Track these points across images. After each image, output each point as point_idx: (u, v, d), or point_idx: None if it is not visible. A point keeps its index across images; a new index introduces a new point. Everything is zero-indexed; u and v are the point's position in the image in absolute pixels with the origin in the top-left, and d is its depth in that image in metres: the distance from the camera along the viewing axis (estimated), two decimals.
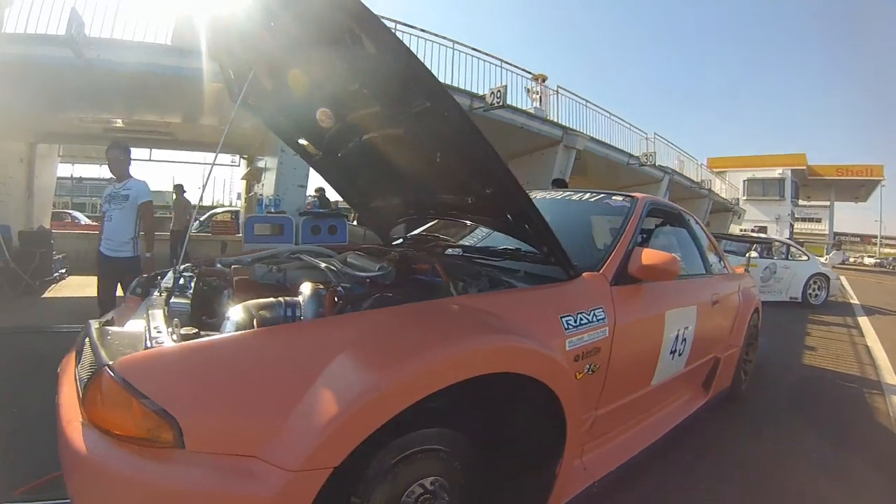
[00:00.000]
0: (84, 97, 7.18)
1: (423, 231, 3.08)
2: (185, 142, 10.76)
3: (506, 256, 2.16)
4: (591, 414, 1.85)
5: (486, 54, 8.82)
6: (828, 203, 30.63)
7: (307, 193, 8.47)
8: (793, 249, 9.69)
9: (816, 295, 9.12)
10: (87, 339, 1.47)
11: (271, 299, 1.53)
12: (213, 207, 17.49)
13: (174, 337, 1.28)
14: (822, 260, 11.77)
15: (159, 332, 1.35)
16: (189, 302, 1.69)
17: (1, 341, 4.16)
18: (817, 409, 3.51)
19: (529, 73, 9.58)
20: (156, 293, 1.90)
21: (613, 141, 11.44)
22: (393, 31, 1.55)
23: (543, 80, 9.66)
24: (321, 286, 1.63)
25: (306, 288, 1.59)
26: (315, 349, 1.21)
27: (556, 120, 9.55)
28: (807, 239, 27.46)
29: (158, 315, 1.50)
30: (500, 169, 1.65)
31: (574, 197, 2.80)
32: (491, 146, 1.53)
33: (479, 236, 2.72)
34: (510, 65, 9.13)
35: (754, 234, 11.04)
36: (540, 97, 9.57)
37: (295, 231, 6.82)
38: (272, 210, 7.13)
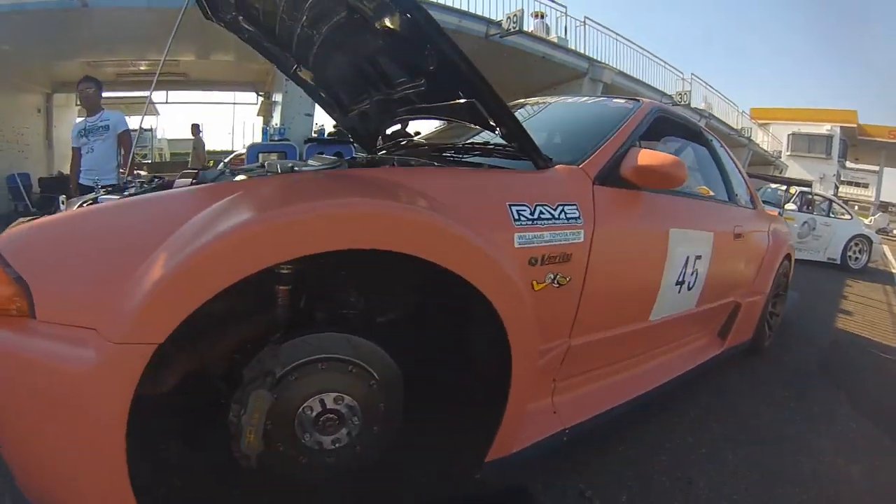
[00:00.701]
0: (90, 42, 7.21)
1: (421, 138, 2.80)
2: (199, 81, 10.66)
3: (474, 151, 1.83)
4: (560, 342, 1.51)
5: None
6: (877, 168, 27.62)
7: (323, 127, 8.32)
8: (835, 206, 8.79)
9: (857, 258, 8.22)
10: None
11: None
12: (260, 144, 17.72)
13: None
14: (867, 222, 10.86)
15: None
16: (118, 198, 1.50)
17: None
18: (850, 378, 3.01)
19: (555, 1, 8.86)
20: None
21: (645, 78, 10.66)
22: None
23: (542, 17, 8.86)
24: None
25: (238, 178, 1.49)
26: (170, 214, 1.08)
27: (581, 51, 8.86)
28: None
29: (76, 204, 1.41)
30: (435, 34, 1.37)
31: (569, 100, 2.48)
32: (425, 11, 1.31)
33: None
34: None
35: (794, 179, 10.26)
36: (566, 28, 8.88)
37: (299, 157, 6.59)
38: (276, 139, 7.06)
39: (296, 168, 1.68)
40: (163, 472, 1.13)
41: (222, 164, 11.61)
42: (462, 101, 1.58)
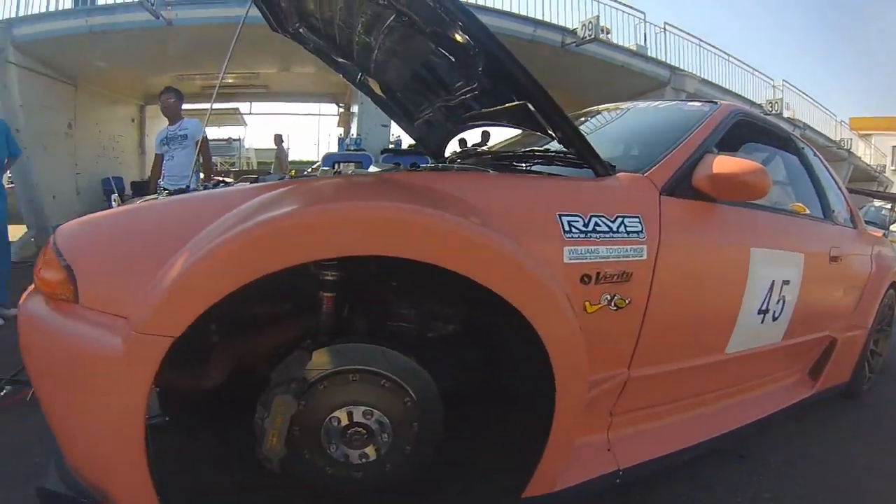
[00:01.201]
0: (177, 57, 7.67)
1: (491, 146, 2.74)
2: (281, 93, 11.25)
3: (535, 159, 1.71)
4: (617, 372, 1.34)
5: None
6: None
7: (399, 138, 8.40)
8: None
9: None
10: None
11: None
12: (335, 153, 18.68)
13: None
14: None
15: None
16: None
17: None
18: None
19: (632, 8, 8.57)
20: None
21: (732, 86, 9.99)
22: None
23: (607, 32, 8.41)
24: None
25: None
26: (203, 213, 1.10)
27: (662, 59, 8.48)
28: None
29: (135, 202, 1.47)
30: (480, 32, 1.27)
31: (641, 105, 2.28)
32: (466, 9, 1.23)
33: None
34: None
35: None
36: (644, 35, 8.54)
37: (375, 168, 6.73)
38: (352, 148, 7.17)
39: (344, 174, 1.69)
40: (189, 462, 1.20)
41: (304, 174, 12.39)
42: (515, 104, 1.48)
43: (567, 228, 1.18)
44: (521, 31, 7.02)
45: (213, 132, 20.06)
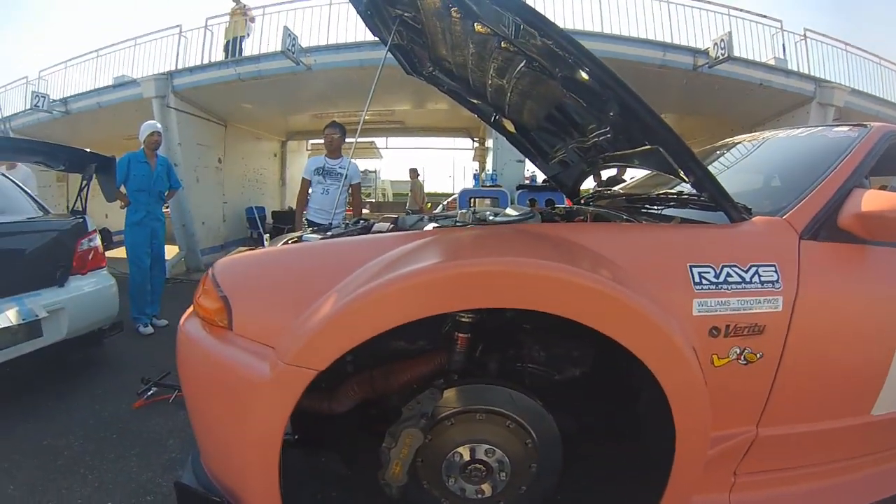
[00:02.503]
0: (315, 98, 8.35)
1: (623, 188, 2.70)
2: (415, 128, 11.71)
3: (668, 202, 1.69)
4: (744, 430, 1.26)
5: (709, 3, 7.43)
6: None
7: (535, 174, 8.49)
8: None
9: None
10: None
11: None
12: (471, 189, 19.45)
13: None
14: None
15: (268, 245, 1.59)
16: (320, 237, 1.72)
17: None
18: None
19: (766, 17, 7.87)
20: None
21: (889, 95, 8.80)
22: None
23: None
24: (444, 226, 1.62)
25: (427, 226, 1.63)
26: (349, 258, 1.23)
27: (804, 71, 7.67)
28: None
29: (283, 240, 1.71)
30: (611, 80, 1.28)
31: (781, 135, 2.09)
32: (596, 59, 1.25)
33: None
34: (740, 10, 7.61)
35: None
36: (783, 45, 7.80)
37: (509, 203, 6.68)
38: (488, 184, 7.19)
39: (486, 219, 1.76)
40: (314, 478, 1.34)
41: (441, 206, 12.81)
42: (647, 147, 1.48)
43: (697, 280, 1.16)
44: (651, 57, 6.69)
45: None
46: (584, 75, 1.37)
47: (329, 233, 1.87)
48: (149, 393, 2.62)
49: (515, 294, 1.03)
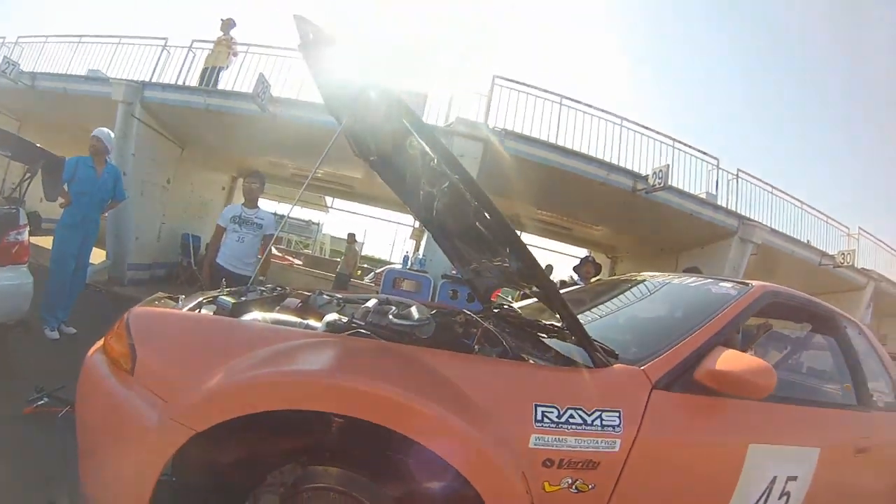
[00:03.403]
0: (272, 145, 8.44)
1: (524, 304, 2.86)
2: (363, 195, 11.88)
3: (554, 333, 1.83)
4: None
5: (656, 132, 8.15)
6: None
7: None
8: None
9: None
10: None
11: (288, 317, 1.77)
12: (391, 264, 19.10)
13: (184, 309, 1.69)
14: None
15: (181, 305, 1.77)
16: (233, 301, 1.87)
17: None
18: None
19: (704, 153, 8.66)
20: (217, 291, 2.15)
21: (804, 236, 9.75)
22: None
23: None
24: (344, 319, 1.74)
25: (328, 317, 1.74)
26: (248, 341, 1.39)
27: (731, 208, 8.44)
28: None
29: (197, 300, 1.87)
30: (506, 229, 1.57)
31: (675, 281, 2.31)
32: (491, 203, 1.51)
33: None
34: (684, 144, 8.33)
35: None
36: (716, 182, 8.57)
37: (433, 291, 6.81)
38: (416, 268, 7.29)
39: (388, 316, 1.87)
40: None
41: (372, 273, 12.67)
42: (534, 290, 1.76)
43: (539, 418, 1.31)
44: (595, 174, 7.20)
45: (297, 212, 21.28)
46: (488, 217, 1.59)
47: (243, 298, 1.96)
48: (39, 402, 2.57)
49: (370, 411, 1.22)
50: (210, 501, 1.45)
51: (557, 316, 1.75)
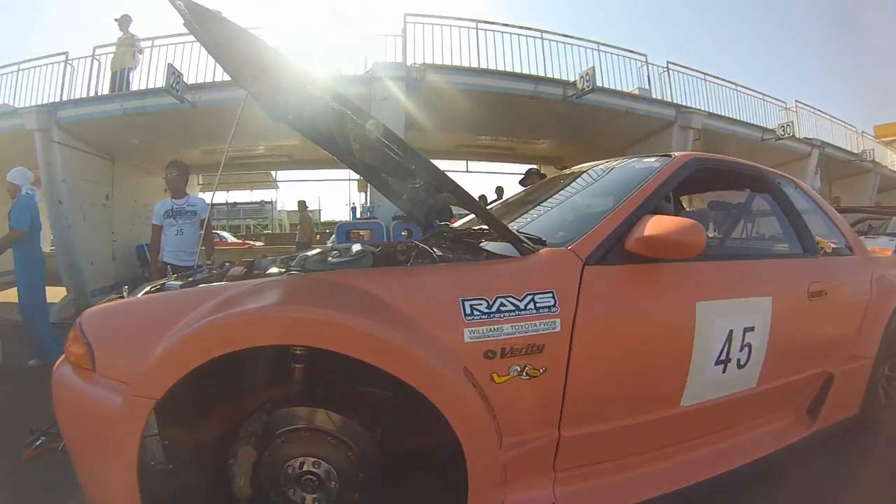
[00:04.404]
0: (201, 133, 8.24)
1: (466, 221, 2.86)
2: (303, 160, 11.60)
3: (484, 237, 1.87)
4: (544, 433, 1.43)
5: (580, 39, 8.14)
6: None
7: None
8: None
9: None
10: None
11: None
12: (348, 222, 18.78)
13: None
14: None
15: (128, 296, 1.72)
16: (180, 284, 1.84)
17: None
18: None
19: (633, 52, 8.75)
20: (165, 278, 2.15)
21: (744, 116, 9.94)
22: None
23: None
24: (280, 271, 1.82)
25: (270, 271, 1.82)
26: (191, 305, 1.39)
27: (668, 100, 8.56)
28: None
29: (145, 288, 1.83)
30: (396, 142, 1.58)
31: (601, 164, 2.31)
32: (397, 137, 1.55)
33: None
34: (609, 46, 8.34)
35: None
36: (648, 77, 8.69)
37: (386, 235, 6.88)
38: (366, 216, 7.26)
39: (325, 260, 1.90)
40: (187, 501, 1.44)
41: (333, 237, 12.57)
42: (444, 195, 1.79)
43: (468, 312, 1.32)
44: (523, 89, 7.22)
45: (247, 195, 20.98)
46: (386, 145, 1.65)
47: (191, 279, 1.96)
48: (37, 443, 2.51)
49: (309, 336, 1.26)
50: (198, 480, 1.45)
51: None
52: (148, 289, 1.81)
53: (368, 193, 8.69)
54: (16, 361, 4.08)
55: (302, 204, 10.67)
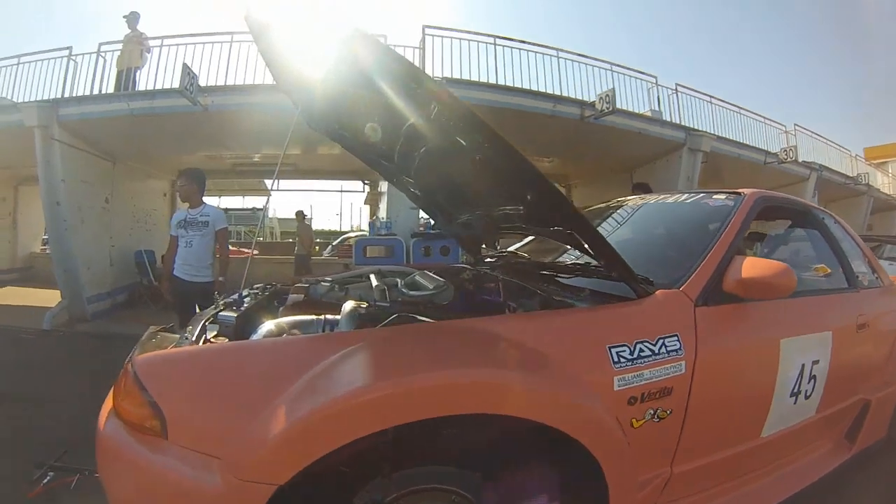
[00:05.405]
0: (209, 138, 8.06)
1: (518, 248, 2.83)
2: (307, 171, 11.45)
3: (576, 272, 1.86)
4: (659, 472, 1.47)
5: (594, 59, 8.18)
6: None
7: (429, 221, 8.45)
8: None
9: None
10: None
11: (310, 317, 1.61)
12: (346, 233, 18.27)
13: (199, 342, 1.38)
14: None
15: (188, 338, 1.46)
16: (235, 315, 1.70)
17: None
18: None
19: (644, 73, 8.79)
20: (213, 307, 1.96)
21: (746, 139, 10.07)
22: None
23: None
24: (364, 305, 1.64)
25: (347, 306, 1.61)
26: (295, 362, 1.20)
27: (676, 121, 8.61)
28: None
29: (199, 324, 1.61)
30: (530, 171, 1.43)
31: (670, 199, 2.35)
32: (513, 148, 1.36)
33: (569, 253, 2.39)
34: (622, 67, 8.41)
35: None
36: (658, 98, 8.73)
37: (406, 252, 6.73)
38: (383, 232, 7.12)
39: (400, 291, 1.83)
40: None
41: (329, 247, 12.30)
42: (561, 230, 1.67)
43: (616, 359, 1.32)
44: (542, 108, 7.17)
45: (238, 202, 20.61)
46: (505, 165, 1.51)
47: (242, 308, 1.83)
48: (45, 480, 2.16)
49: (472, 403, 1.14)
50: None
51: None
52: (203, 323, 1.63)
53: (383, 206, 8.45)
54: None
55: (299, 214, 10.45)
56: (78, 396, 3.52)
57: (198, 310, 3.76)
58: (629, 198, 2.62)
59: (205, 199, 4.05)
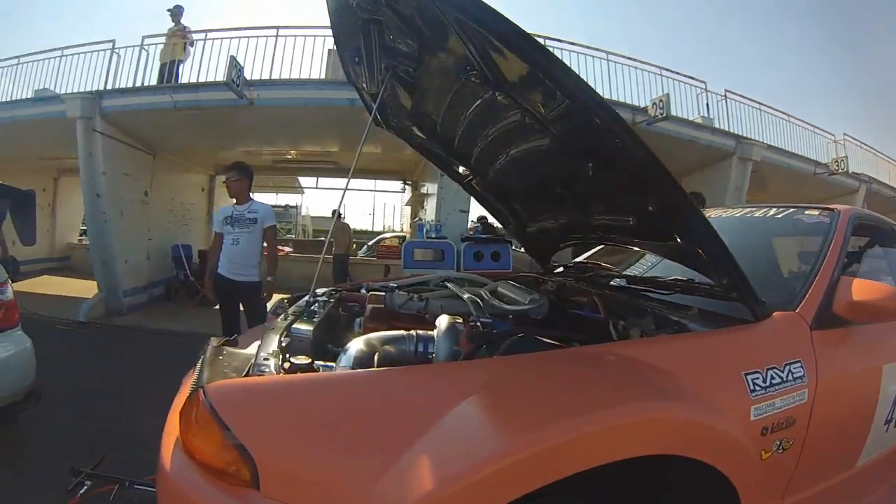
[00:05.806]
0: (251, 133, 8.03)
1: (586, 258, 2.73)
2: (348, 168, 11.28)
3: (676, 289, 1.74)
4: (775, 502, 1.38)
5: (644, 62, 8.02)
6: None
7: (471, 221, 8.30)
8: None
9: None
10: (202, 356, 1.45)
11: (399, 332, 1.44)
12: (382, 233, 18.24)
13: (284, 366, 1.20)
14: None
15: (266, 359, 1.25)
16: (312, 329, 1.55)
17: (177, 343, 4.71)
18: None
19: (694, 78, 8.51)
20: (281, 317, 1.77)
21: (793, 147, 9.75)
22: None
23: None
24: (459, 320, 1.48)
25: (442, 322, 1.44)
26: (427, 401, 1.03)
27: (726, 129, 8.34)
28: None
29: (273, 341, 1.38)
30: (665, 181, 1.28)
31: (757, 213, 2.23)
32: (653, 154, 1.23)
33: (647, 265, 2.33)
34: (671, 72, 8.21)
35: None
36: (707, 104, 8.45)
37: (456, 257, 6.54)
38: (433, 235, 6.95)
39: (478, 298, 1.72)
40: None
41: (365, 247, 12.22)
42: (681, 244, 1.54)
43: (752, 387, 1.24)
44: None
45: (272, 199, 20.52)
46: (632, 166, 1.38)
47: (314, 319, 1.68)
48: (82, 489, 1.94)
49: (684, 444, 1.06)
50: None
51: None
52: (278, 339, 1.40)
53: (431, 208, 8.24)
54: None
55: (336, 213, 10.38)
56: (114, 394, 3.55)
57: (241, 309, 3.66)
58: (716, 209, 2.49)
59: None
